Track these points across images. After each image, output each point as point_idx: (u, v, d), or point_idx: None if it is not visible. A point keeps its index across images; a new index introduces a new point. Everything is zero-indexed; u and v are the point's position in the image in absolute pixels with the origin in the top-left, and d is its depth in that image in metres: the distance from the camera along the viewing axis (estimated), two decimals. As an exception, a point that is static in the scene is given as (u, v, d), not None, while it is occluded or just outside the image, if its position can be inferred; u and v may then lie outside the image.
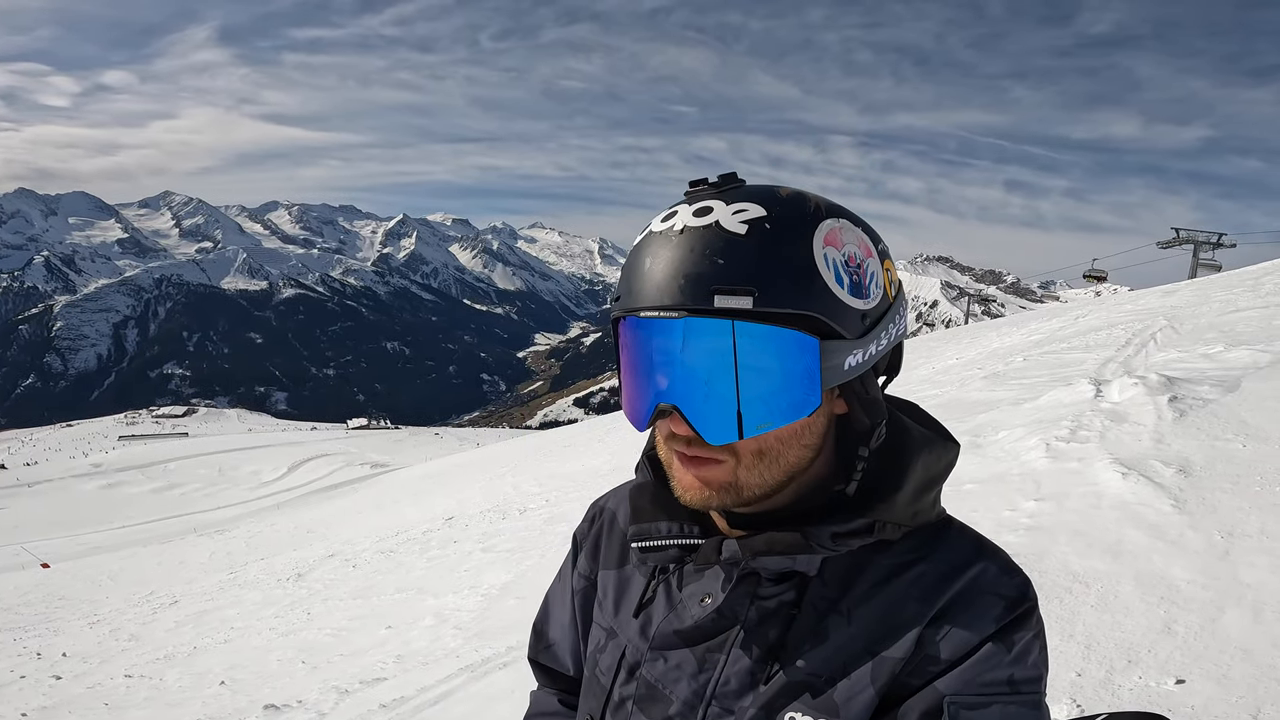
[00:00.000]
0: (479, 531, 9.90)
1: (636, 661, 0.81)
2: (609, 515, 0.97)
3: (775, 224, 0.65)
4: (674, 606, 0.80)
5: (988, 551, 0.74)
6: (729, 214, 0.66)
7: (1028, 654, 0.68)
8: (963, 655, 0.67)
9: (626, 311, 0.69)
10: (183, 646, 7.73)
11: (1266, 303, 9.28)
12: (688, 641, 0.78)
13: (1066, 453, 4.50)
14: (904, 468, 0.73)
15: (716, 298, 0.63)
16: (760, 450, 0.69)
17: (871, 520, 0.71)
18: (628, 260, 0.71)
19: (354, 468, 47.19)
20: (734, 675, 0.74)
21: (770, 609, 0.74)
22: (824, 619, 0.72)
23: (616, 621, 0.86)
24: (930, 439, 0.76)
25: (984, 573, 0.71)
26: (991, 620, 0.68)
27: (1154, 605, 2.81)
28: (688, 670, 0.77)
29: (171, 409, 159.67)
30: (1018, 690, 0.66)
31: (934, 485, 0.76)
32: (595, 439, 18.26)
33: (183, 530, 23.94)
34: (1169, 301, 13.13)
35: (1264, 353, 5.80)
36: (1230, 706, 2.24)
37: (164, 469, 47.28)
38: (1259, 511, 3.32)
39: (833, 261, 0.66)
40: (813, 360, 0.66)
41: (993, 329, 18.29)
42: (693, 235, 0.66)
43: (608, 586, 0.90)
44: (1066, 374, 7.29)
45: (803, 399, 0.67)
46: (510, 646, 4.72)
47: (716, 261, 0.64)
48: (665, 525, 0.78)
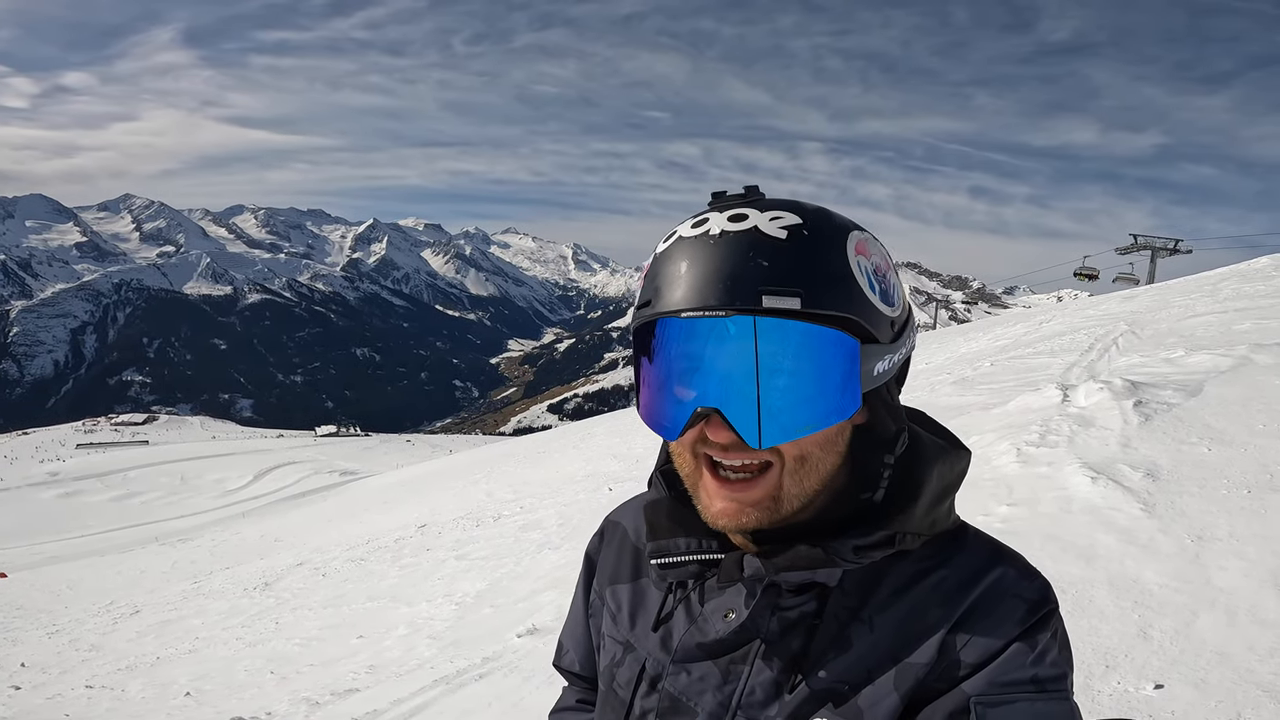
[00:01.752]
0: (452, 539, 9.79)
1: (658, 675, 0.81)
2: (620, 530, 0.97)
3: (812, 231, 0.68)
4: (695, 620, 0.80)
5: (1006, 556, 0.75)
6: (766, 220, 0.68)
7: (1049, 653, 0.68)
8: (987, 659, 0.68)
9: (662, 314, 0.68)
10: (145, 657, 7.54)
11: (1225, 307, 9.55)
12: (711, 654, 0.78)
13: (1036, 457, 4.57)
14: (920, 477, 0.74)
15: (765, 298, 0.65)
16: (802, 456, 0.70)
17: (892, 532, 0.72)
18: (654, 266, 0.71)
19: (323, 475, 46.37)
20: (759, 686, 0.74)
21: (792, 620, 0.74)
22: (846, 628, 0.73)
23: (634, 635, 0.86)
24: (943, 448, 0.77)
25: (1004, 577, 0.72)
26: (1014, 623, 0.69)
27: (1129, 610, 2.85)
28: (712, 682, 0.77)
29: (131, 416, 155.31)
30: (1043, 688, 0.67)
31: (949, 493, 0.77)
32: (570, 445, 18.17)
33: (144, 539, 23.35)
34: (1129, 306, 13.48)
35: (1224, 357, 5.95)
36: (1210, 712, 2.26)
37: (124, 477, 45.99)
38: (1227, 515, 3.39)
39: (865, 269, 0.69)
40: (853, 363, 0.68)
41: (960, 334, 18.60)
42: (733, 239, 0.67)
43: (621, 600, 0.90)
44: (1033, 379, 7.44)
45: (846, 401, 0.68)
46: (486, 657, 4.64)
47: (761, 263, 0.66)
48: (684, 541, 0.79)
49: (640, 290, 0.72)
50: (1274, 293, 9.98)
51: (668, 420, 0.70)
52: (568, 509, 9.43)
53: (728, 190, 0.73)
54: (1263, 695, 2.28)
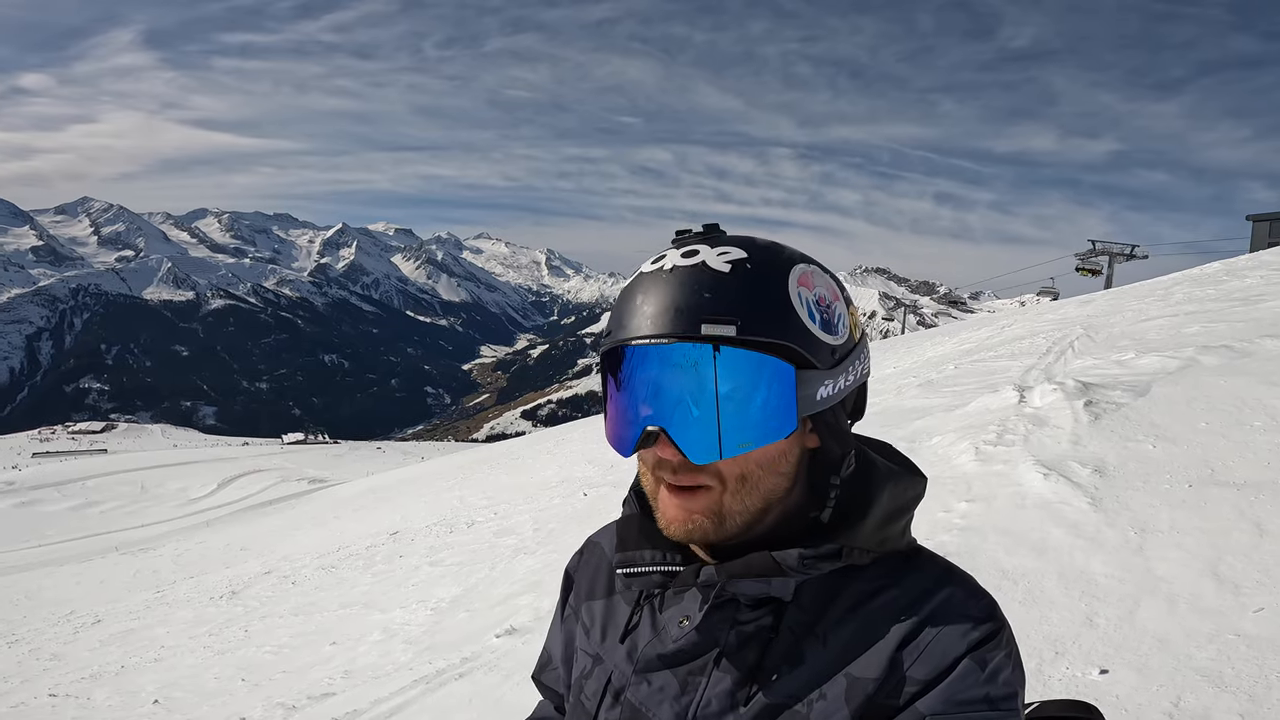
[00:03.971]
0: (426, 546, 9.73)
1: (622, 686, 0.84)
2: (598, 549, 1.01)
3: (755, 265, 0.74)
4: (657, 632, 0.84)
5: (955, 576, 0.79)
6: (714, 255, 0.74)
7: (1000, 672, 0.72)
8: (937, 676, 0.71)
9: (619, 343, 0.75)
10: (110, 665, 7.39)
11: (1175, 311, 9.82)
12: (670, 664, 0.81)
13: (994, 456, 4.74)
14: (870, 497, 0.79)
15: (703, 326, 0.71)
16: (743, 475, 0.75)
17: (839, 545, 0.76)
18: (619, 299, 0.78)
19: (290, 483, 45.38)
20: (715, 697, 0.77)
21: (749, 633, 0.78)
22: (800, 642, 0.76)
23: (603, 648, 0.89)
24: (896, 472, 0.82)
25: (952, 596, 0.76)
26: (963, 641, 0.72)
27: (1076, 599, 2.99)
28: (670, 693, 0.80)
29: (89, 425, 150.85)
30: (995, 706, 0.70)
31: (902, 515, 0.81)
32: (544, 451, 18.11)
33: (103, 549, 22.59)
34: (1086, 311, 13.81)
35: (1172, 359, 6.19)
36: (1152, 695, 2.38)
37: (82, 486, 44.51)
38: (1169, 508, 3.56)
39: (805, 300, 0.75)
40: (789, 386, 0.73)
41: (927, 338, 18.95)
42: (682, 273, 0.74)
43: (595, 615, 0.94)
44: (993, 381, 7.64)
45: (780, 422, 0.73)
46: (465, 658, 4.66)
47: (704, 295, 0.72)
48: (649, 553, 0.83)
49: (608, 320, 0.79)
50: (1223, 297, 10.31)
51: (624, 437, 0.77)
52: (543, 514, 9.44)
53: (691, 229, 0.80)
54: (1201, 680, 2.40)
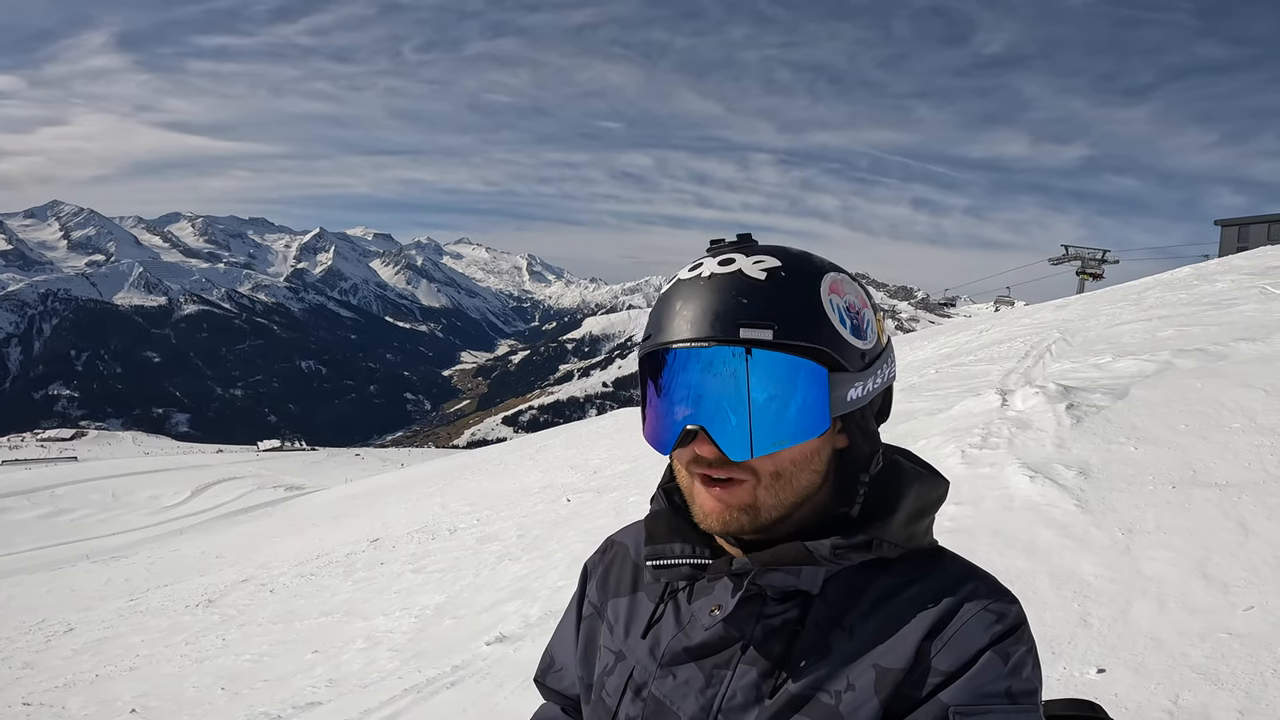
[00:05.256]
0: (407, 552, 9.63)
1: (644, 681, 0.85)
2: (620, 547, 1.03)
3: (789, 273, 0.78)
4: (682, 626, 0.86)
5: (978, 574, 0.82)
6: (750, 263, 0.78)
7: (1022, 667, 0.74)
8: (961, 667, 0.73)
9: (659, 346, 0.78)
10: (84, 674, 7.23)
11: (1149, 315, 9.99)
12: (695, 657, 0.82)
13: (980, 459, 4.79)
14: (898, 494, 0.82)
15: (742, 330, 0.74)
16: (777, 471, 0.78)
17: (870, 537, 0.79)
18: (657, 305, 0.82)
19: (266, 491, 44.63)
20: (740, 690, 0.78)
21: (775, 626, 0.80)
22: (827, 634, 0.78)
23: (626, 644, 0.91)
24: (921, 474, 0.86)
25: (976, 590, 0.79)
26: (986, 633, 0.75)
27: (1069, 599, 3.03)
28: (695, 686, 0.81)
29: (58, 432, 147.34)
30: (1016, 701, 0.72)
31: (927, 513, 0.85)
32: (526, 457, 18.02)
33: (74, 557, 22.04)
34: (1061, 315, 14.03)
35: (1149, 362, 6.29)
36: (1150, 694, 2.41)
37: (51, 494, 43.43)
38: (1154, 509, 3.62)
39: (837, 306, 0.79)
40: (822, 387, 0.76)
41: (907, 343, 19.16)
42: (720, 280, 0.77)
43: (619, 612, 0.95)
44: (975, 385, 7.72)
45: (814, 421, 0.77)
46: (455, 666, 4.60)
47: (741, 301, 0.76)
48: (679, 546, 0.85)
49: (646, 325, 0.82)
50: (1195, 301, 10.50)
51: (663, 437, 0.80)
52: (526, 520, 9.38)
53: (725, 239, 0.84)
54: (1198, 678, 2.43)
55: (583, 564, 1.07)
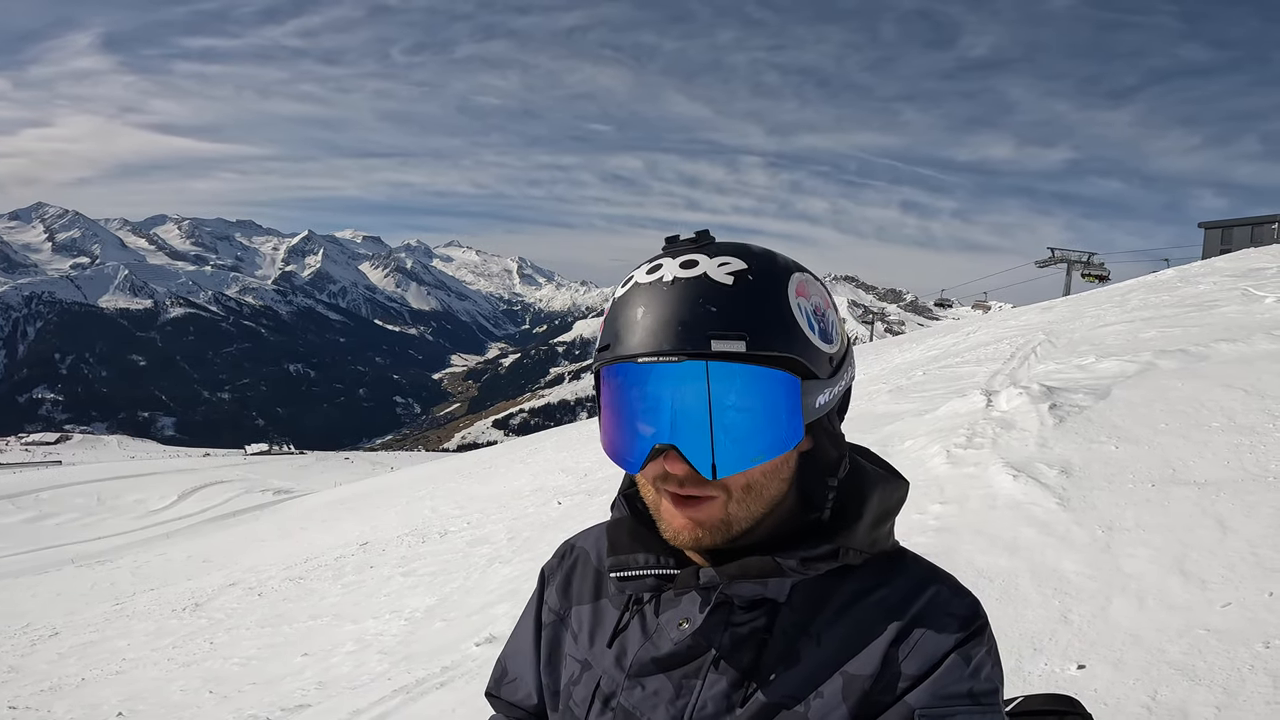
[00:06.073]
0: (397, 556, 9.60)
1: (612, 691, 0.83)
2: (581, 553, 0.99)
3: (756, 275, 0.74)
4: (649, 635, 0.83)
5: (940, 576, 0.82)
6: (714, 266, 0.73)
7: (983, 668, 0.74)
8: (927, 670, 0.73)
9: (621, 359, 0.73)
10: (70, 678, 7.19)
11: (1132, 317, 10.11)
12: (664, 668, 0.80)
13: (964, 458, 4.85)
14: (863, 499, 0.81)
15: (713, 342, 0.70)
16: (748, 485, 0.75)
17: (836, 546, 0.77)
18: (612, 311, 0.76)
19: (254, 494, 44.30)
20: (710, 699, 0.77)
21: (744, 635, 0.78)
22: (795, 642, 0.77)
23: (591, 653, 0.88)
24: (883, 476, 0.85)
25: (939, 594, 0.78)
26: (950, 637, 0.75)
27: (1050, 597, 3.07)
28: (665, 696, 0.79)
29: (43, 436, 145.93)
30: (978, 702, 0.72)
31: (889, 517, 0.83)
32: (517, 460, 17.97)
33: (59, 561, 21.84)
34: (1047, 317, 14.16)
35: (1130, 363, 6.39)
36: (1129, 689, 2.45)
37: (35, 498, 42.95)
38: (1134, 507, 3.68)
39: (805, 310, 0.75)
40: (795, 398, 0.73)
41: (895, 345, 19.29)
42: (684, 286, 0.72)
43: (582, 620, 0.92)
44: (961, 386, 7.80)
45: (789, 434, 0.74)
46: (445, 667, 4.60)
47: (709, 309, 0.71)
48: (643, 557, 0.83)
49: (601, 333, 0.76)
50: (1177, 303, 10.63)
51: (630, 455, 0.75)
52: (517, 523, 9.37)
53: (680, 235, 0.79)
54: (1176, 674, 2.47)
55: (539, 569, 1.03)
